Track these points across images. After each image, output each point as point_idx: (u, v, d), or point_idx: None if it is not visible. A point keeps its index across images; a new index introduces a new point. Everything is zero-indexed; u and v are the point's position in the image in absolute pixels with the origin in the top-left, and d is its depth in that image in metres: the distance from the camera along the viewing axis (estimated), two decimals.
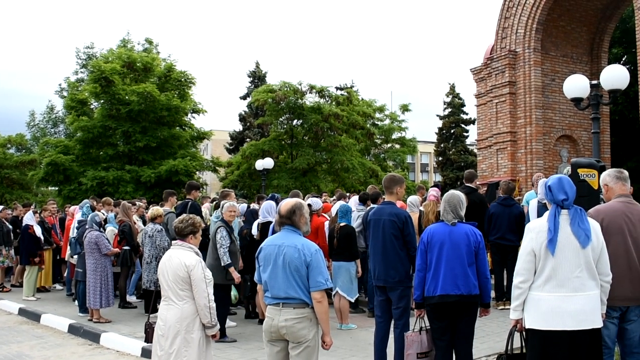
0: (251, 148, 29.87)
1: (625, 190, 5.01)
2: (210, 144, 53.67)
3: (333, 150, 29.28)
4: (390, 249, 6.40)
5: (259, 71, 46.14)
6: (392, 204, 6.62)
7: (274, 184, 27.22)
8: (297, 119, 30.39)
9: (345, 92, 34.05)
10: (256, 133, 39.53)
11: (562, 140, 19.18)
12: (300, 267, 4.58)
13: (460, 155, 48.93)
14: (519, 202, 11.32)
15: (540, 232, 4.30)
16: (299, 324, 4.59)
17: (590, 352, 4.30)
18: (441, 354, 5.50)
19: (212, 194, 40.08)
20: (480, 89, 20.77)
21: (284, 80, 29.65)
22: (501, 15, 19.30)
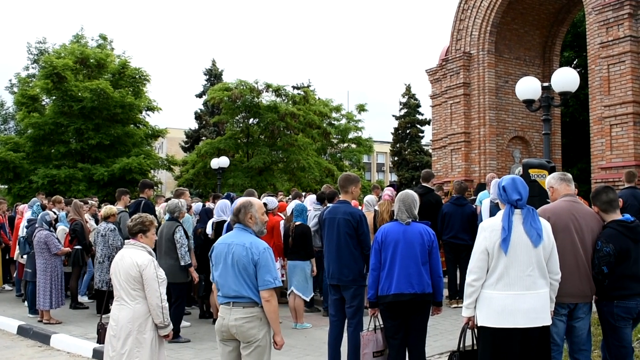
0: (207, 146, 29.63)
1: (570, 190, 5.12)
2: (165, 142, 53.13)
3: (289, 149, 29.24)
4: (345, 248, 6.41)
5: (215, 69, 45.85)
6: (347, 203, 6.64)
7: (229, 183, 27.05)
8: (253, 118, 30.25)
9: (302, 92, 34.05)
10: (212, 131, 39.27)
11: (515, 141, 19.53)
12: (248, 266, 4.56)
13: (416, 155, 49.40)
14: (472, 202, 11.48)
15: (494, 231, 4.36)
16: (249, 323, 4.57)
17: (540, 349, 4.37)
18: (395, 352, 5.53)
19: (167, 192, 39.64)
20: (435, 89, 21.01)
21: (240, 79, 29.52)
22: (456, 17, 19.55)
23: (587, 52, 15.61)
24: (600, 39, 14.56)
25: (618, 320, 4.83)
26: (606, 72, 14.33)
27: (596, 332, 6.56)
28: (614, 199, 5.03)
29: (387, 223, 5.77)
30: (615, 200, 5.04)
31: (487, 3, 18.56)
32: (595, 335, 6.47)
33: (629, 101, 13.76)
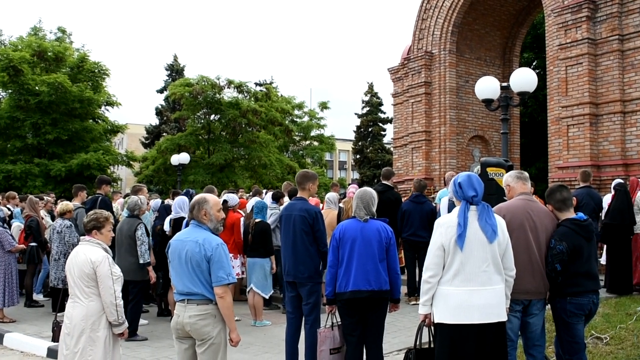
0: (167, 143, 29.35)
1: (526, 189, 5.19)
2: (125, 137, 52.50)
3: (251, 146, 29.15)
4: (300, 245, 6.39)
5: (177, 64, 45.40)
6: (304, 199, 6.62)
7: (190, 180, 26.84)
8: (214, 114, 30.07)
9: (264, 88, 33.95)
10: (173, 127, 38.89)
11: (475, 140, 19.75)
12: (201, 262, 4.52)
13: (378, 153, 49.67)
14: (431, 200, 11.57)
15: (450, 227, 4.38)
16: (202, 320, 4.53)
17: (496, 345, 4.40)
18: (352, 349, 5.53)
19: (127, 189, 39.16)
20: (397, 88, 21.13)
21: (202, 75, 29.33)
22: (419, 16, 19.67)
23: (546, 54, 15.86)
24: (559, 40, 14.80)
25: (571, 316, 4.91)
26: (564, 73, 14.57)
27: (550, 328, 6.67)
28: (568, 198, 5.11)
29: (345, 220, 5.77)
30: (569, 199, 5.11)
31: (449, 3, 18.72)
32: (549, 332, 6.58)
33: (586, 102, 14.01)
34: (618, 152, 13.70)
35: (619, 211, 10.25)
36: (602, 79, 14.07)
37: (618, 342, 7.16)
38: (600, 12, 14.09)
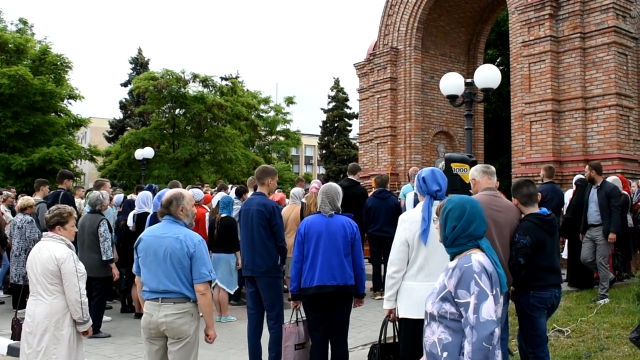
0: (131, 137, 29.06)
1: (491, 184, 5.23)
2: (88, 131, 51.80)
3: (216, 140, 29.00)
4: (258, 239, 6.34)
5: (141, 58, 44.89)
6: (263, 194, 6.59)
7: (154, 174, 26.61)
8: (179, 108, 29.86)
9: (230, 83, 33.83)
10: (137, 122, 38.50)
11: (440, 136, 19.90)
12: (183, 259, 4.43)
13: (344, 148, 49.79)
14: (396, 195, 11.63)
15: (414, 223, 4.39)
16: (180, 319, 4.44)
17: None
18: (317, 344, 5.53)
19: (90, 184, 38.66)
20: (362, 84, 21.20)
21: (166, 68, 29.13)
22: (384, 12, 19.74)
23: (510, 51, 16.04)
24: (522, 38, 14.97)
25: (533, 310, 4.97)
26: (527, 70, 14.75)
27: (513, 322, 6.75)
28: (534, 193, 5.17)
29: (310, 215, 5.76)
30: (534, 194, 5.18)
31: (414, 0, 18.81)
32: (512, 325, 6.66)
33: (548, 99, 14.21)
34: (579, 148, 13.94)
35: (579, 206, 10.42)
36: (565, 76, 14.29)
37: (579, 335, 7.29)
38: (563, 10, 14.31)
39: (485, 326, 2.94)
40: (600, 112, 13.76)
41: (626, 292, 9.59)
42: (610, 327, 7.50)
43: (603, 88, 13.70)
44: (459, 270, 3.10)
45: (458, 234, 3.22)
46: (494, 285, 3.08)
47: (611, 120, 13.56)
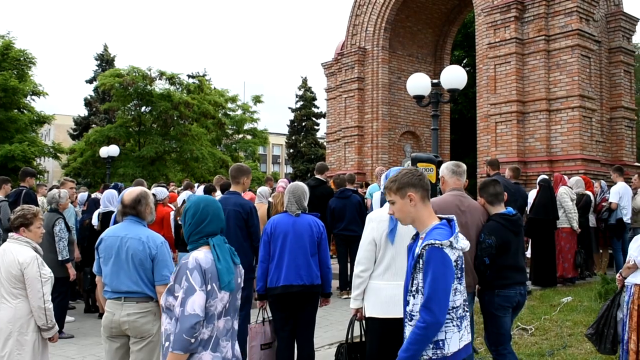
0: (96, 134, 28.71)
1: (460, 184, 5.27)
2: (52, 129, 51.06)
3: (182, 139, 28.80)
4: (234, 240, 6.28)
5: (107, 54, 44.29)
6: (238, 194, 6.54)
7: (119, 173, 26.31)
8: (145, 106, 29.56)
9: (197, 81, 33.61)
10: (102, 119, 38.00)
11: (406, 136, 20.02)
12: (145, 261, 4.38)
13: (311, 147, 49.80)
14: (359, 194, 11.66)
15: (381, 222, 4.40)
16: (143, 318, 4.40)
17: None
18: (283, 344, 5.50)
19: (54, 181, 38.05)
20: (330, 83, 21.23)
21: (133, 65, 28.79)
22: (352, 12, 19.79)
23: (476, 52, 16.20)
24: (488, 39, 15.14)
25: (498, 309, 5.01)
26: (493, 71, 14.92)
27: (478, 320, 6.82)
28: (500, 193, 5.22)
29: (277, 215, 5.73)
30: (500, 193, 5.22)
31: (382, 0, 18.88)
32: (477, 324, 6.73)
33: (513, 100, 14.39)
34: (543, 149, 14.14)
35: (543, 206, 10.58)
36: (529, 77, 14.49)
37: (542, 333, 7.40)
38: (528, 12, 14.50)
39: (188, 319, 3.14)
40: (563, 114, 13.97)
41: (588, 290, 9.76)
42: (573, 325, 7.63)
43: (567, 90, 13.91)
44: (179, 266, 3.32)
45: (191, 231, 3.41)
46: (210, 281, 3.27)
47: (574, 121, 13.78)
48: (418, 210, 3.35)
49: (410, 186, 3.34)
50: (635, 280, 5.35)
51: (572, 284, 10.75)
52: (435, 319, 3.08)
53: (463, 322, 3.29)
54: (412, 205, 3.33)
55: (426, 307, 3.10)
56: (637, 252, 5.31)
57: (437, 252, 3.11)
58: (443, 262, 3.11)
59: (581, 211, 11.21)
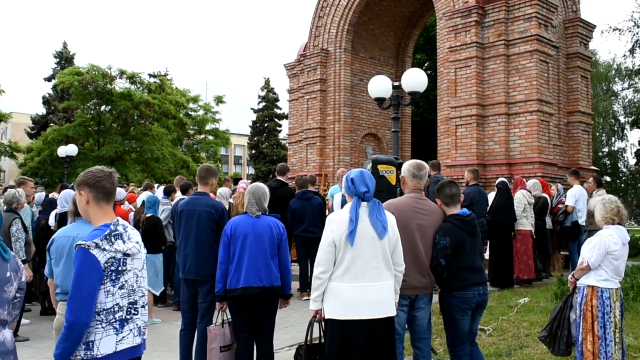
0: (54, 133, 28.18)
1: (419, 186, 5.31)
2: (9, 127, 50.03)
3: (143, 139, 28.48)
4: (205, 242, 6.18)
5: (66, 52, 43.54)
6: (206, 195, 6.47)
7: (78, 173, 25.75)
8: (105, 105, 29.13)
9: (158, 80, 33.25)
10: (61, 118, 37.35)
11: (368, 137, 20.12)
12: None
13: (273, 149, 49.71)
14: (323, 196, 11.69)
15: (341, 223, 4.40)
16: None
17: (385, 339, 4.46)
18: (242, 346, 5.48)
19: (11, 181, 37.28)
20: (293, 84, 21.22)
21: (92, 63, 28.29)
22: (315, 14, 19.81)
23: (437, 56, 16.36)
24: (449, 43, 15.30)
25: (456, 311, 5.06)
26: (453, 75, 15.08)
27: (437, 321, 6.88)
28: (456, 194, 5.27)
29: (237, 216, 5.70)
30: (456, 195, 5.27)
31: (345, 2, 18.96)
32: (437, 324, 6.79)
33: (473, 104, 14.57)
34: (502, 152, 14.34)
35: (501, 208, 10.73)
36: (489, 81, 14.68)
37: (500, 333, 7.50)
38: (488, 17, 14.70)
39: None
40: (522, 118, 14.20)
41: (545, 291, 9.93)
42: (530, 326, 7.74)
43: (525, 94, 14.14)
44: None
45: None
46: None
47: (532, 125, 14.01)
48: (90, 209, 3.43)
49: (85, 185, 3.42)
50: (587, 281, 5.47)
51: (529, 285, 10.92)
52: (77, 318, 3.09)
53: (126, 324, 3.30)
54: (85, 203, 3.42)
55: (69, 306, 3.13)
56: (589, 253, 5.43)
57: (82, 253, 3.16)
58: (86, 263, 3.15)
59: (538, 213, 11.41)
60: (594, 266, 5.40)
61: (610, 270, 5.35)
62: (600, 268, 5.38)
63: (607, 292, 5.34)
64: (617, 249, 5.31)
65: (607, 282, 5.36)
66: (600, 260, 5.36)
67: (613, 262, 5.33)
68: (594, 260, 5.37)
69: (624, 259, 5.40)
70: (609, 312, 5.31)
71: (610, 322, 5.31)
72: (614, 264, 5.33)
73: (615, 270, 5.36)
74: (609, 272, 5.36)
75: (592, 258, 5.38)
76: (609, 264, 5.34)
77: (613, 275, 5.37)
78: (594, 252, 5.37)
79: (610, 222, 5.45)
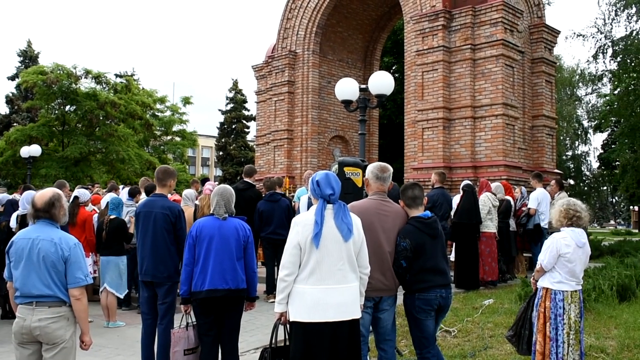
0: (17, 133, 27.66)
1: (383, 189, 5.33)
2: None
3: (108, 139, 28.10)
4: (161, 243, 6.20)
5: (30, 51, 42.85)
6: (164, 196, 6.44)
7: (41, 174, 25.48)
8: (70, 105, 28.68)
9: (125, 80, 32.86)
10: (25, 117, 36.74)
11: (336, 140, 20.16)
12: (57, 263, 4.25)
13: (241, 150, 49.59)
14: (290, 198, 11.67)
15: (307, 226, 4.40)
16: (55, 323, 4.26)
17: (350, 341, 4.47)
18: (207, 349, 5.44)
19: None
20: (260, 86, 21.17)
21: (57, 63, 27.85)
22: (284, 16, 19.79)
23: (405, 59, 16.45)
24: (417, 47, 15.41)
25: (419, 312, 5.09)
26: (420, 78, 15.19)
27: (403, 323, 6.91)
28: (418, 196, 5.30)
29: (202, 217, 5.67)
30: (419, 197, 5.30)
31: (313, 4, 18.97)
32: (402, 326, 6.82)
33: (440, 107, 14.69)
34: (468, 155, 14.48)
35: (466, 211, 10.83)
36: (456, 85, 14.82)
37: (465, 335, 7.56)
38: (455, 22, 14.83)
39: None
40: (488, 121, 14.36)
41: (509, 292, 10.04)
42: (494, 327, 7.82)
43: (491, 98, 14.30)
44: None
45: None
46: None
47: (498, 129, 14.18)
48: None
49: None
50: (542, 283, 5.55)
51: (493, 287, 11.03)
52: None
53: None
54: None
55: None
56: (542, 256, 5.51)
57: None
58: None
59: (501, 216, 11.54)
60: (547, 268, 5.47)
61: (565, 272, 5.39)
62: (555, 270, 5.45)
63: (561, 294, 5.39)
64: (569, 252, 5.34)
65: (561, 284, 5.41)
66: (552, 263, 5.42)
67: (567, 265, 5.37)
68: (547, 263, 5.44)
69: (581, 261, 5.43)
70: (562, 314, 5.37)
71: (563, 324, 5.37)
72: (568, 267, 5.37)
73: (570, 272, 5.39)
74: (563, 275, 5.40)
75: (544, 260, 5.46)
76: (563, 267, 5.39)
77: (568, 277, 5.40)
78: (547, 254, 5.44)
79: (567, 224, 5.50)
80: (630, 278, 10.08)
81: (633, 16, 21.15)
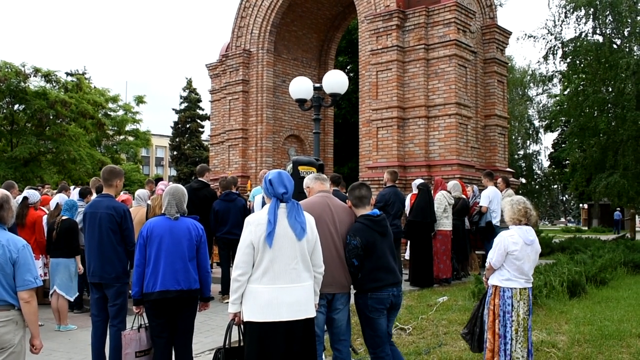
0: None
1: (325, 188, 5.37)
2: None
3: (59, 139, 27.52)
4: (107, 244, 6.11)
5: None
6: (110, 196, 6.34)
7: None
8: (19, 104, 27.97)
9: (76, 79, 32.29)
10: None
11: (291, 139, 20.12)
12: (5, 265, 4.13)
13: (195, 150, 49.16)
14: (245, 198, 11.61)
15: (260, 225, 4.37)
16: (3, 328, 4.13)
17: (305, 341, 4.46)
18: (160, 351, 5.36)
19: None
20: (215, 85, 21.01)
21: (4, 60, 27.15)
22: (238, 14, 19.66)
23: (359, 58, 16.52)
24: (371, 46, 15.48)
25: (372, 311, 5.11)
26: (375, 78, 15.26)
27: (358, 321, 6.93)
28: (365, 196, 5.33)
29: (153, 217, 5.58)
30: (366, 197, 5.33)
31: (267, 3, 18.89)
32: (357, 324, 6.82)
33: (394, 106, 14.78)
34: (422, 154, 14.61)
35: (421, 209, 10.93)
36: (410, 84, 14.94)
37: (420, 332, 7.63)
38: (409, 22, 14.95)
39: None
40: (441, 120, 14.51)
41: (463, 290, 10.18)
42: (448, 324, 7.91)
43: (444, 98, 14.46)
44: None
45: None
46: None
47: (451, 128, 14.34)
48: None
49: None
50: (492, 281, 5.63)
51: (448, 284, 11.16)
52: None
53: None
54: None
55: None
56: (491, 254, 5.59)
57: None
58: None
59: (457, 214, 11.68)
60: (496, 266, 5.55)
61: (513, 270, 5.47)
62: (503, 268, 5.53)
63: (509, 291, 5.47)
64: (516, 249, 5.42)
65: (509, 281, 5.49)
66: (501, 261, 5.50)
67: (515, 262, 5.45)
68: (495, 261, 5.52)
69: (529, 259, 5.51)
70: (511, 312, 5.45)
71: (512, 321, 5.45)
72: (516, 264, 5.45)
73: (518, 269, 5.47)
74: (511, 272, 5.48)
75: (493, 259, 5.54)
76: (511, 264, 5.47)
77: (516, 274, 5.48)
78: (495, 252, 5.52)
79: (517, 222, 5.58)
80: (580, 274, 10.32)
81: (582, 18, 21.68)
